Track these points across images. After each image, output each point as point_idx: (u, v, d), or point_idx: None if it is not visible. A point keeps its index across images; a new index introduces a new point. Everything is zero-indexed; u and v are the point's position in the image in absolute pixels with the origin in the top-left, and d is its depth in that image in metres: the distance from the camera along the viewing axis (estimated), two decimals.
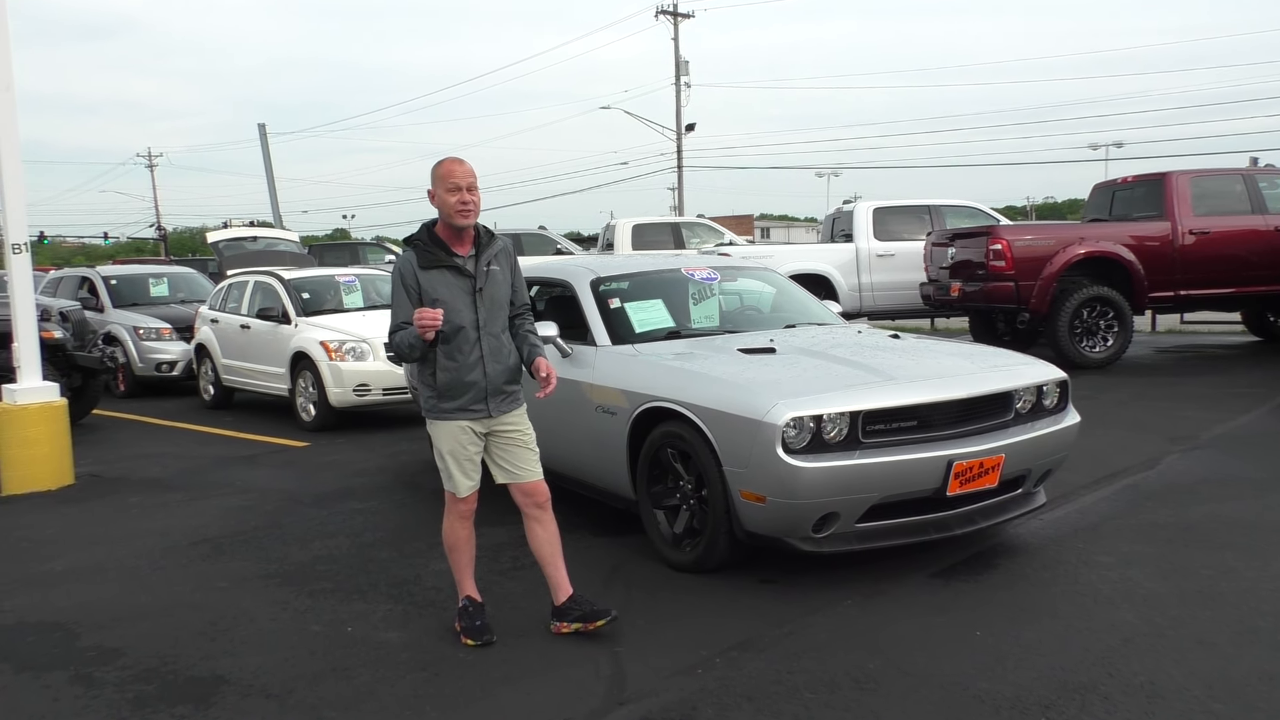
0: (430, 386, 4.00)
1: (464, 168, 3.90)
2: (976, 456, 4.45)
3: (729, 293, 6.24)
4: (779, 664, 3.69)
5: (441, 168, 3.91)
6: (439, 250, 3.93)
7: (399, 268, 3.97)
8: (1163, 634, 3.82)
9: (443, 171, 3.90)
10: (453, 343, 3.91)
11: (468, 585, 4.19)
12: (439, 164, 3.93)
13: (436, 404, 4.00)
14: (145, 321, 12.70)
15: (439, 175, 3.90)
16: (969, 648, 3.76)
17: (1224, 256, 11.54)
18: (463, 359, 3.93)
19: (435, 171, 3.93)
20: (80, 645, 4.19)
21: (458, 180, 3.86)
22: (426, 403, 4.06)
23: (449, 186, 3.87)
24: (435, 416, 4.03)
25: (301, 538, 5.74)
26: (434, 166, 3.94)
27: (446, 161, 3.93)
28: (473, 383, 3.95)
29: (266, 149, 35.51)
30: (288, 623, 4.36)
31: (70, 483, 7.49)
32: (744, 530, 4.49)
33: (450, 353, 3.92)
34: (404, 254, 3.99)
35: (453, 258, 3.94)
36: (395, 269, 3.99)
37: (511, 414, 4.07)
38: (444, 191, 3.88)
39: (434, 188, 3.92)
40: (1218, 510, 5.44)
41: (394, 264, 4.02)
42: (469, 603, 4.15)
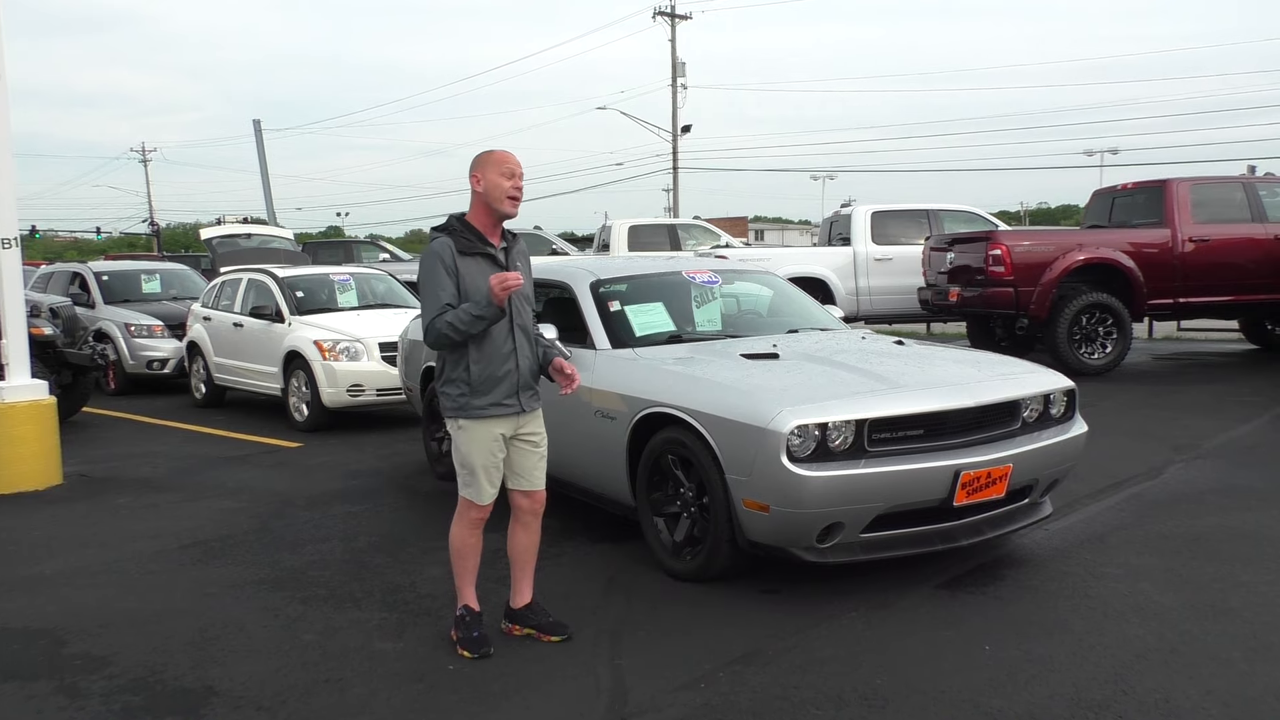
0: (463, 383, 3.83)
1: (515, 156, 3.87)
2: (984, 466, 4.37)
3: (730, 296, 6.15)
4: (784, 678, 3.60)
5: (496, 154, 3.86)
6: (475, 238, 3.85)
7: (436, 252, 3.81)
8: (1176, 650, 3.74)
9: (499, 157, 3.84)
10: (487, 334, 3.81)
11: (468, 594, 4.05)
12: (492, 151, 3.88)
13: (469, 401, 3.84)
14: (137, 318, 12.57)
15: (494, 160, 3.83)
16: (979, 663, 3.68)
17: (1224, 264, 11.49)
18: (496, 350, 3.84)
19: (488, 157, 3.85)
20: (67, 653, 4.08)
21: (512, 166, 3.82)
22: (456, 401, 3.85)
23: (504, 171, 3.81)
24: (468, 415, 3.84)
25: (294, 541, 5.63)
26: (484, 153, 3.88)
27: (498, 150, 3.87)
28: (506, 374, 3.86)
29: (261, 145, 35.34)
30: (279, 631, 4.26)
31: (58, 483, 7.37)
32: (746, 539, 4.40)
33: (483, 344, 3.82)
34: (439, 240, 3.84)
35: (487, 246, 3.86)
36: (430, 254, 3.82)
37: (535, 418, 4.02)
38: (498, 175, 3.81)
39: (483, 172, 3.82)
40: (1224, 521, 5.37)
41: (427, 250, 3.84)
42: (467, 612, 4.03)
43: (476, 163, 3.86)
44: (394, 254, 21.75)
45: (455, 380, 3.85)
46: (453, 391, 3.86)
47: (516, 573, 4.14)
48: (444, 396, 3.91)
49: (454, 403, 3.86)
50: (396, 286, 11.39)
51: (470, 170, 3.86)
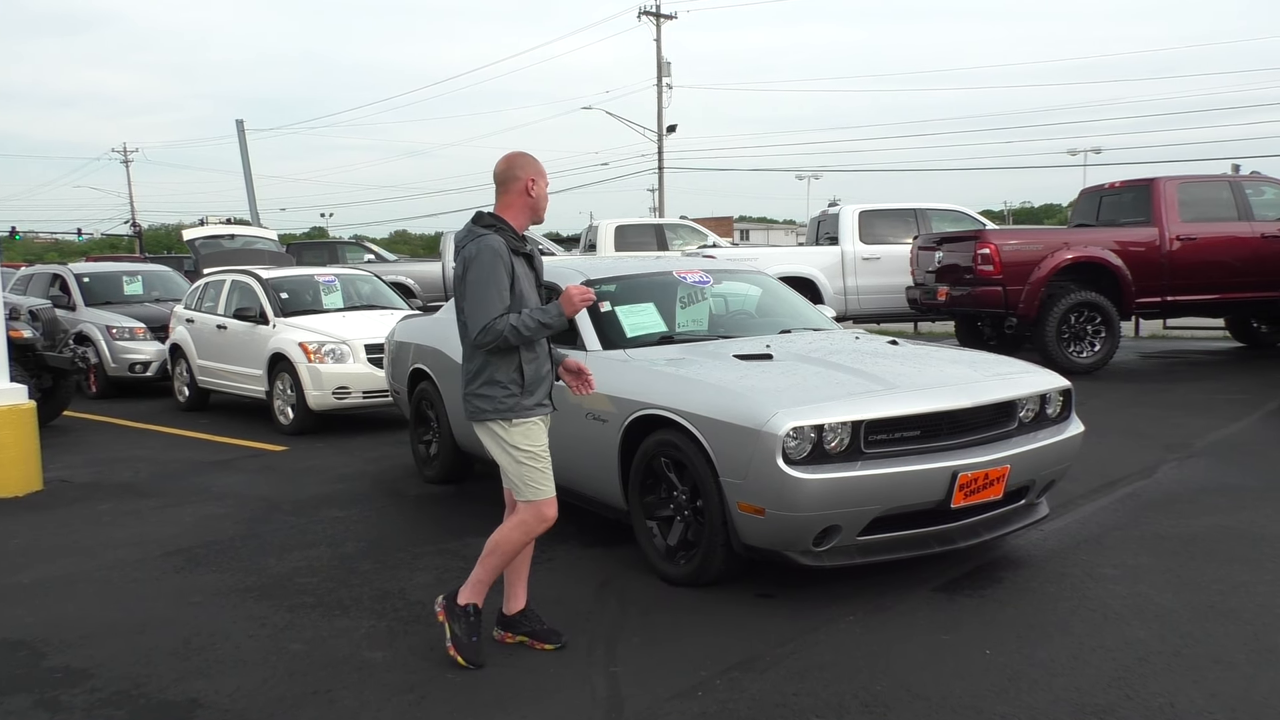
0: (514, 384, 3.76)
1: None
2: (982, 467, 4.31)
3: (720, 296, 6.08)
4: (782, 685, 3.54)
5: (534, 162, 3.88)
6: (518, 239, 3.83)
7: (495, 249, 3.70)
8: (1178, 652, 3.69)
9: (538, 166, 3.87)
10: None
11: (483, 594, 3.91)
12: (533, 156, 3.89)
13: (519, 402, 3.77)
14: (119, 320, 12.41)
15: (541, 169, 3.87)
16: (980, 668, 3.62)
17: (1211, 263, 11.49)
18: (541, 350, 3.87)
19: (535, 164, 3.87)
20: (47, 665, 3.98)
21: (547, 176, 3.90)
22: (504, 403, 3.75)
23: (547, 181, 3.88)
24: (521, 415, 3.77)
25: (280, 548, 5.53)
26: (527, 157, 3.88)
27: (530, 156, 3.90)
28: (547, 374, 3.90)
29: (244, 145, 35.05)
30: (266, 641, 4.17)
31: (38, 489, 7.24)
32: (741, 543, 4.33)
33: (532, 345, 3.82)
34: (493, 237, 3.74)
35: (527, 246, 3.87)
36: (490, 250, 3.70)
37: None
38: (545, 185, 3.87)
39: (533, 176, 3.84)
40: (1221, 521, 5.34)
41: (484, 246, 3.71)
42: (475, 612, 3.87)
43: (525, 165, 3.84)
44: (379, 254, 21.59)
45: (502, 382, 3.76)
46: (499, 393, 3.76)
47: (513, 578, 4.05)
48: (484, 399, 3.78)
49: (502, 404, 3.76)
50: (382, 287, 11.29)
51: (518, 171, 3.83)
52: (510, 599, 4.07)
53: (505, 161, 3.87)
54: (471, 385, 3.83)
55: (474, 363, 3.82)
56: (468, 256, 3.74)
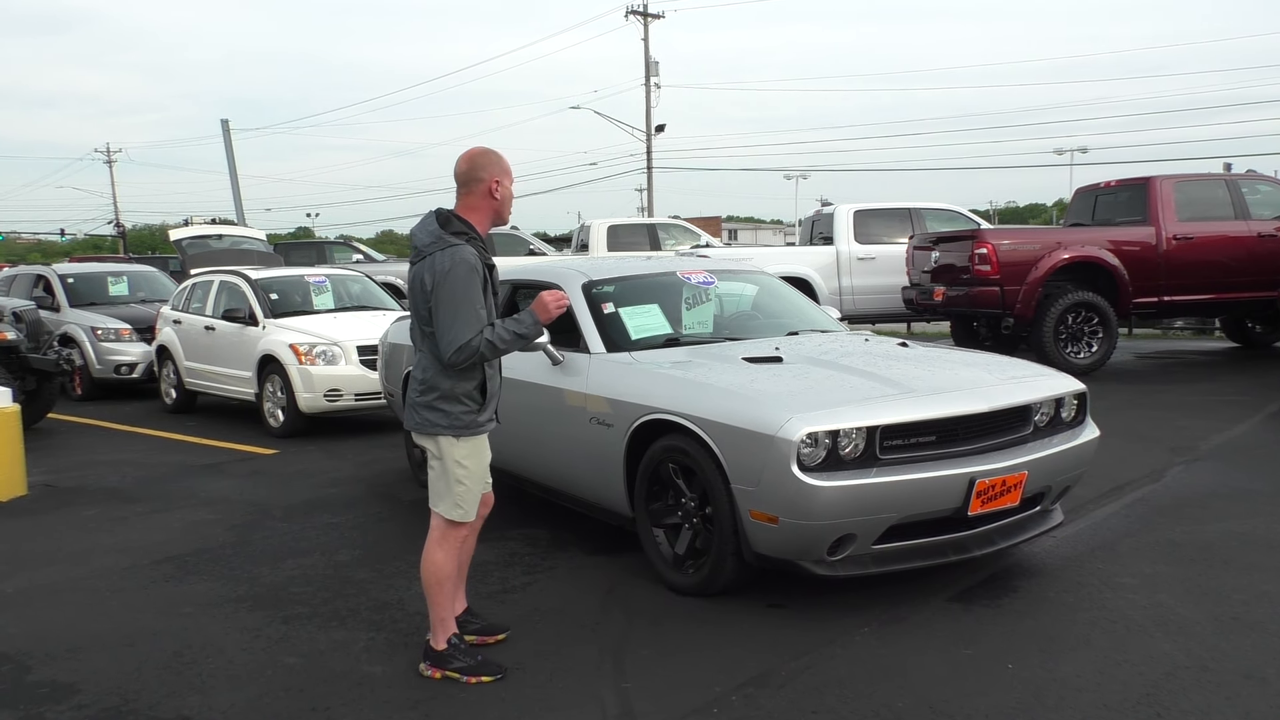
0: (474, 400, 3.62)
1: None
2: (999, 474, 4.20)
3: (725, 297, 5.95)
4: (800, 701, 3.41)
5: (505, 160, 3.65)
6: (484, 248, 3.63)
7: (470, 263, 3.48)
8: (1206, 667, 3.58)
9: (508, 165, 3.65)
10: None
11: (452, 622, 3.77)
12: (499, 154, 3.66)
13: (475, 419, 3.63)
14: (104, 322, 12.20)
15: (506, 168, 3.65)
16: (1003, 683, 3.50)
17: (1207, 262, 11.42)
18: (497, 364, 3.74)
19: (500, 162, 3.64)
20: (31, 680, 3.82)
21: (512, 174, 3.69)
22: (462, 419, 3.60)
23: (512, 178, 3.67)
24: (473, 432, 3.64)
25: (272, 556, 5.38)
26: (491, 154, 3.64)
27: (498, 152, 3.66)
28: (499, 388, 3.76)
29: (230, 145, 34.72)
30: (260, 654, 4.01)
31: (22, 494, 7.07)
32: (753, 552, 4.20)
33: (494, 361, 3.67)
34: (466, 249, 3.50)
35: (490, 256, 3.65)
36: (464, 264, 3.46)
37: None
38: (508, 182, 3.66)
39: (500, 178, 3.63)
40: (1235, 528, 5.24)
41: (459, 260, 3.47)
42: (460, 640, 3.76)
43: (489, 164, 3.62)
44: (367, 254, 21.40)
45: (462, 396, 3.60)
46: (456, 409, 3.60)
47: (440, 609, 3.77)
48: (441, 414, 3.60)
49: (459, 420, 3.60)
50: (373, 288, 11.12)
51: (480, 171, 3.61)
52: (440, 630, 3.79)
53: (467, 160, 3.63)
54: (426, 397, 3.61)
55: (430, 374, 3.60)
56: (440, 269, 3.47)
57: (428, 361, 3.62)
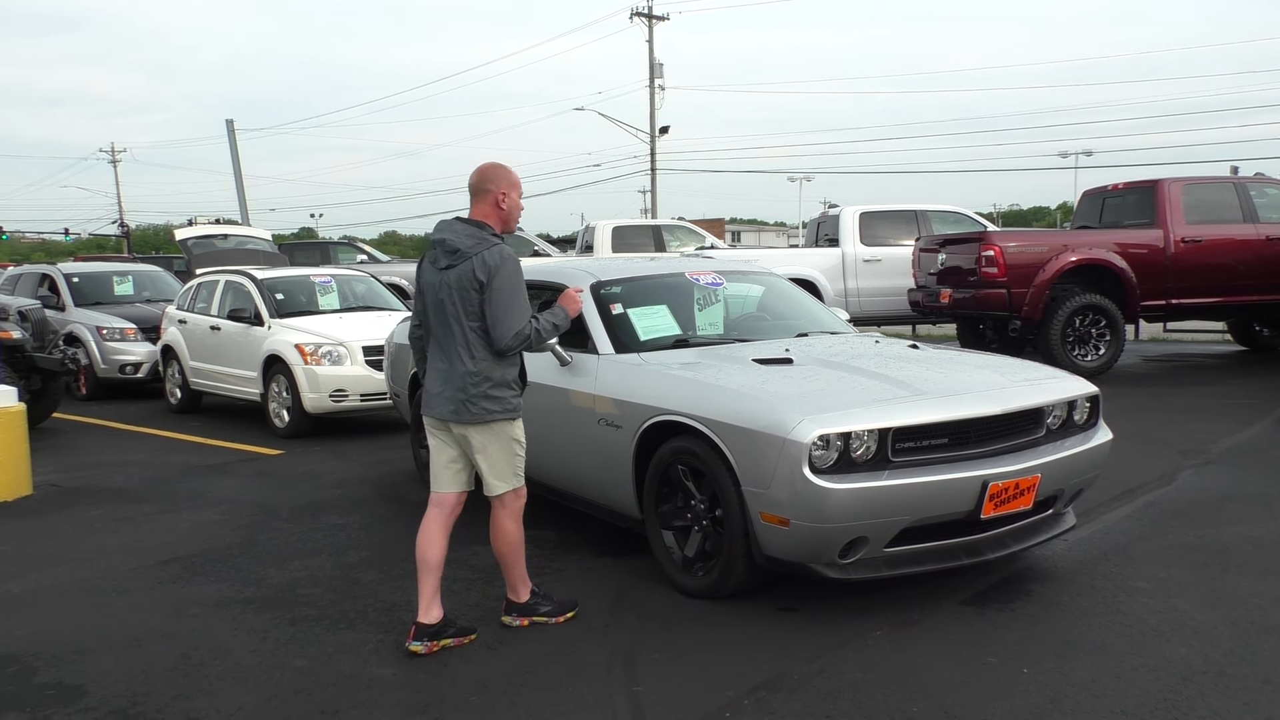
0: (518, 385, 4.06)
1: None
2: (1012, 477, 4.16)
3: (733, 299, 5.92)
4: (814, 706, 3.38)
5: (514, 173, 4.04)
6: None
7: (514, 257, 3.91)
8: (1224, 672, 3.54)
9: (517, 178, 4.05)
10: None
11: (526, 584, 4.25)
12: (508, 168, 4.04)
13: (520, 402, 4.07)
14: (109, 321, 12.19)
15: (515, 180, 4.04)
16: (1019, 688, 3.47)
17: (1215, 265, 11.39)
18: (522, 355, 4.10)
19: (509, 175, 4.03)
20: (38, 682, 3.80)
21: (522, 189, 4.09)
22: (511, 403, 4.01)
23: (522, 193, 4.07)
24: (517, 415, 4.05)
25: (279, 557, 5.35)
26: (501, 169, 4.02)
27: (512, 168, 4.05)
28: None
29: (234, 145, 34.79)
30: (268, 656, 3.99)
31: (28, 494, 7.04)
32: (763, 555, 4.17)
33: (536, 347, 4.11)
34: (503, 246, 3.92)
35: None
36: (514, 260, 3.90)
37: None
38: (518, 197, 4.05)
39: (504, 189, 3.99)
40: (1249, 532, 5.20)
41: (510, 257, 3.89)
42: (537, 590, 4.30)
43: (498, 178, 3.98)
44: (372, 255, 21.36)
45: (511, 383, 4.00)
46: (507, 395, 3.99)
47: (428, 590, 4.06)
48: (494, 401, 3.96)
49: (510, 404, 4.00)
50: (378, 288, 11.10)
51: (489, 184, 3.97)
52: (520, 588, 4.24)
53: (478, 173, 4.01)
54: (481, 387, 3.93)
55: (483, 365, 3.93)
56: (493, 264, 3.83)
57: (481, 354, 3.93)
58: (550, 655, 3.89)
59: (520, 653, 3.93)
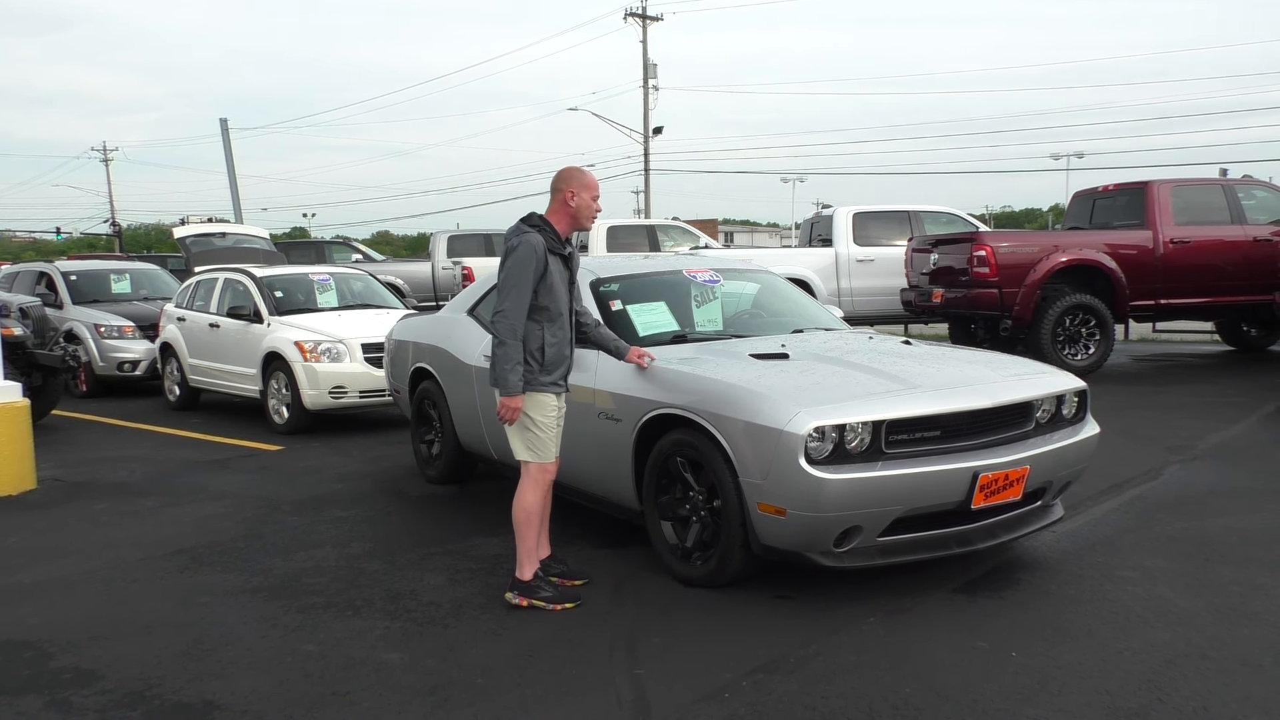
0: (535, 361, 4.30)
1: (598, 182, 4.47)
2: (1002, 468, 4.29)
3: (730, 296, 6.03)
4: (810, 687, 3.49)
5: (587, 176, 4.42)
6: (557, 240, 4.35)
7: (532, 245, 4.22)
8: (1205, 655, 3.67)
9: (591, 180, 4.42)
10: (556, 324, 4.36)
11: (545, 547, 4.54)
12: (585, 171, 4.45)
13: (535, 377, 4.30)
14: (107, 319, 12.26)
15: (586, 182, 4.39)
16: (1007, 670, 3.59)
17: (1204, 266, 11.54)
18: (564, 337, 4.40)
19: (582, 177, 4.41)
20: (54, 666, 3.90)
21: (599, 191, 4.43)
22: (526, 377, 4.28)
23: (595, 194, 4.40)
24: (535, 389, 4.31)
25: (284, 548, 5.45)
26: (574, 171, 4.43)
27: (589, 171, 4.45)
28: (565, 358, 4.43)
29: (228, 144, 34.82)
30: (278, 641, 4.09)
31: (32, 488, 7.13)
32: (761, 544, 4.28)
33: (555, 332, 4.36)
34: (533, 235, 4.25)
35: (564, 248, 4.40)
36: (527, 246, 4.21)
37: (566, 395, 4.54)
38: (589, 197, 4.37)
39: (576, 189, 4.35)
40: (1233, 524, 5.33)
41: (523, 242, 4.23)
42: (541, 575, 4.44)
43: (569, 179, 4.38)
44: (367, 254, 21.45)
45: (528, 357, 4.28)
46: (524, 367, 4.26)
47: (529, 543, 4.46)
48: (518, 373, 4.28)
49: (520, 375, 4.24)
50: (375, 286, 11.19)
51: (561, 184, 4.37)
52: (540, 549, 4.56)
53: (556, 174, 4.43)
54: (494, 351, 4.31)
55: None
56: (509, 248, 4.27)
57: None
58: (553, 640, 4.00)
59: (524, 638, 4.04)
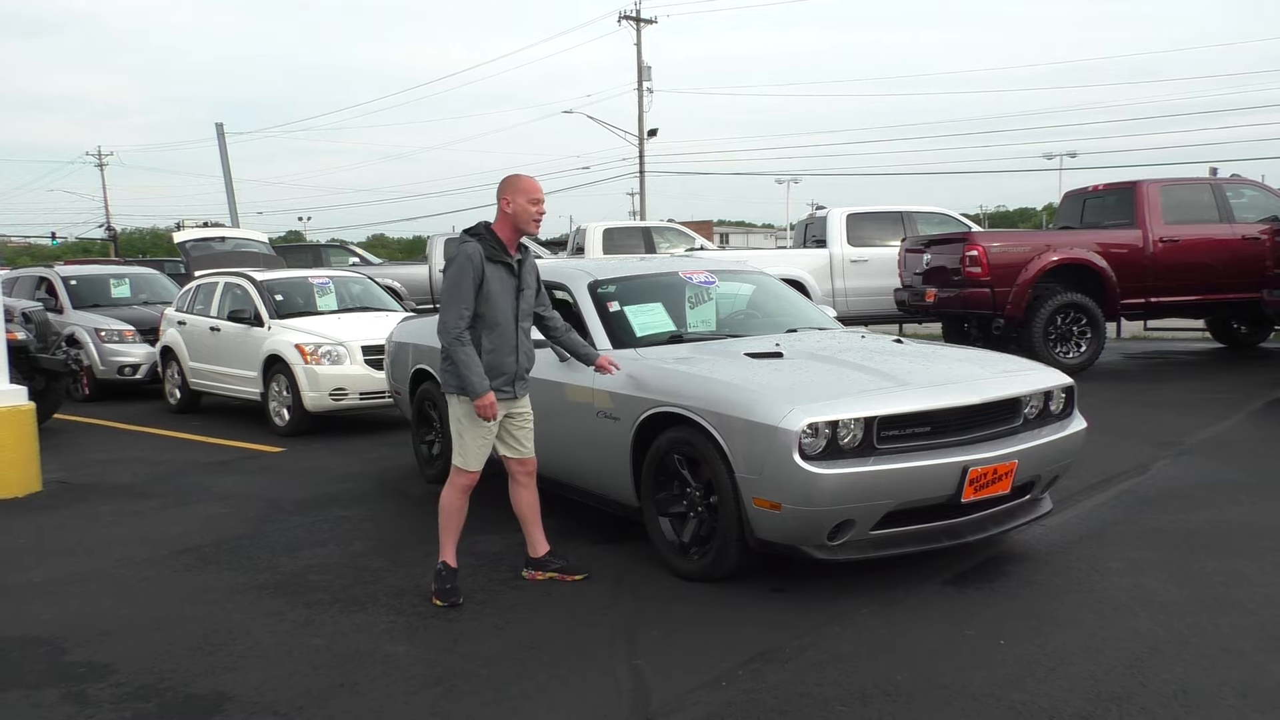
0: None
1: (539, 184, 4.48)
2: (991, 463, 4.40)
3: (725, 297, 6.15)
4: (805, 675, 3.61)
5: (525, 181, 4.45)
6: (499, 248, 4.40)
7: (469, 254, 4.31)
8: (1187, 642, 3.79)
9: (527, 184, 4.44)
10: (495, 331, 4.40)
11: (449, 552, 4.58)
12: (521, 177, 4.46)
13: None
14: (107, 323, 12.35)
15: (522, 187, 4.42)
16: (995, 658, 3.70)
17: (1193, 264, 11.67)
18: (505, 344, 4.44)
19: (517, 183, 4.44)
20: (69, 661, 4.00)
21: (538, 195, 4.43)
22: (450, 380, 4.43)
23: (532, 198, 4.41)
24: (458, 394, 4.42)
25: (289, 546, 5.55)
26: (512, 178, 4.45)
27: (524, 176, 4.47)
28: (508, 368, 4.46)
29: (224, 149, 34.86)
30: (286, 635, 4.20)
31: (38, 490, 7.22)
32: (756, 538, 4.40)
33: (494, 340, 4.41)
34: (471, 244, 4.35)
35: (507, 256, 4.43)
36: (463, 255, 4.31)
37: (525, 398, 4.65)
38: (526, 201, 4.40)
39: (511, 195, 4.41)
40: (1217, 516, 5.46)
41: (460, 251, 4.33)
42: (444, 568, 4.55)
43: (506, 186, 4.43)
44: (364, 257, 21.52)
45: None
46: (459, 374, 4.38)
47: (528, 528, 4.76)
48: (448, 374, 4.45)
49: (459, 380, 4.36)
50: (374, 289, 11.30)
51: (500, 192, 4.44)
52: (532, 545, 4.78)
53: (499, 183, 4.50)
54: (445, 361, 4.49)
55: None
56: (448, 259, 4.41)
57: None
58: (555, 633, 4.11)
59: (526, 631, 4.14)
